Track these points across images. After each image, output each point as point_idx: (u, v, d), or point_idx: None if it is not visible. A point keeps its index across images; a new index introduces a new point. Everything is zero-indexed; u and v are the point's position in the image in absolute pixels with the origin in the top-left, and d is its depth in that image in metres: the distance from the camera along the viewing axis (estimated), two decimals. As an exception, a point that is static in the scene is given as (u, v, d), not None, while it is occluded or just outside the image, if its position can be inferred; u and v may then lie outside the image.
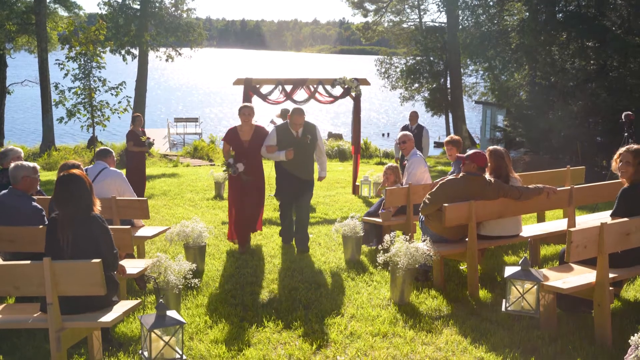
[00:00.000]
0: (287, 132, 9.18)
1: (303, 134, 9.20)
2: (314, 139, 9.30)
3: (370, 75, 20.07)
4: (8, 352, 5.67)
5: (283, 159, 9.08)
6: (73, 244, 5.25)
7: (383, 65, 40.51)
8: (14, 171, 6.64)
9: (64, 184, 5.43)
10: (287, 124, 9.25)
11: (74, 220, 5.31)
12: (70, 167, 6.70)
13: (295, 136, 9.16)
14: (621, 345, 5.37)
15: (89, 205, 5.41)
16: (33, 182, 6.71)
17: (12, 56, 35.51)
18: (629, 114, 12.99)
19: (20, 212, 6.54)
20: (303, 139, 9.18)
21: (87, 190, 5.46)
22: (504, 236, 7.56)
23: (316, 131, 9.40)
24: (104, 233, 5.37)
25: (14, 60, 35.99)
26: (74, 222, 5.31)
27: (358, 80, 15.10)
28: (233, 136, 9.37)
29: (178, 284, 6.39)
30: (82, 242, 5.25)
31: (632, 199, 6.16)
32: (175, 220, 11.18)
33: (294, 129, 9.17)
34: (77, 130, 28.82)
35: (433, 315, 6.52)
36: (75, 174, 5.52)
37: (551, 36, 24.32)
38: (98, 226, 5.36)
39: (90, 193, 5.48)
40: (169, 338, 4.45)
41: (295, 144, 9.13)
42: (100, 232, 5.34)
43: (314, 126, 9.42)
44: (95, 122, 25.75)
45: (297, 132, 9.17)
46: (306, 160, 9.30)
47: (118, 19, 30.46)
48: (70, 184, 5.43)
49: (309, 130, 9.27)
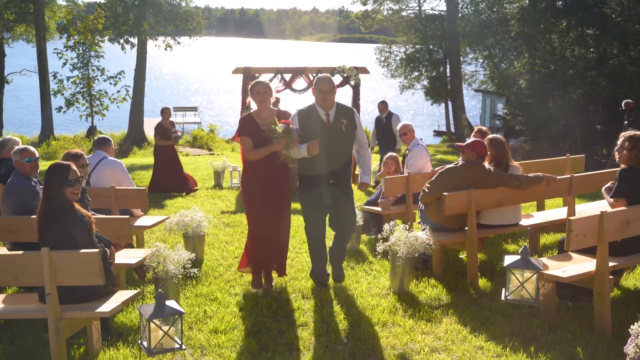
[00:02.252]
0: (312, 116, 6.65)
1: (336, 117, 6.64)
2: (351, 126, 6.69)
3: (369, 64, 20.03)
4: (7, 342, 5.67)
5: (305, 155, 6.51)
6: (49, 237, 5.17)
7: (382, 54, 40.38)
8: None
9: (44, 177, 5.38)
10: (313, 105, 6.73)
11: (48, 213, 5.24)
12: (72, 157, 6.72)
13: (325, 122, 6.66)
14: (621, 334, 5.37)
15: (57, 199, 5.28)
16: (23, 166, 6.81)
17: (10, 45, 35.39)
18: (629, 101, 12.98)
19: (16, 190, 6.71)
20: (336, 125, 6.63)
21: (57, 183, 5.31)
22: (504, 225, 7.55)
23: (354, 116, 6.78)
24: (77, 227, 5.25)
25: (12, 49, 35.84)
26: (47, 215, 5.24)
27: (357, 68, 15.07)
28: (250, 127, 6.76)
29: (177, 273, 6.38)
30: (59, 236, 5.17)
31: (630, 178, 6.15)
32: (174, 210, 11.16)
33: (323, 109, 6.65)
34: (76, 119, 28.78)
35: (433, 304, 6.51)
36: (51, 166, 5.42)
37: (551, 24, 24.26)
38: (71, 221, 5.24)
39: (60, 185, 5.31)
40: (168, 328, 4.45)
41: (325, 133, 6.60)
42: (73, 226, 5.24)
43: (350, 109, 6.83)
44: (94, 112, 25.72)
45: (328, 115, 6.66)
46: (341, 157, 6.71)
47: (116, 7, 30.30)
48: (45, 176, 5.36)
49: (344, 114, 6.70)
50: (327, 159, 6.60)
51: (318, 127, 6.62)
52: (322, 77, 6.73)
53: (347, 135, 6.70)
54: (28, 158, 6.86)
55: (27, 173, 6.82)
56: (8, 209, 6.79)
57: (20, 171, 6.82)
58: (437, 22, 38.14)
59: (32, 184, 6.79)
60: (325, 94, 6.59)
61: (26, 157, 6.85)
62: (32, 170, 6.88)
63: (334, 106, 6.67)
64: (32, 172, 6.88)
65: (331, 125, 6.62)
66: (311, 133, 6.57)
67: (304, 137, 6.55)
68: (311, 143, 6.43)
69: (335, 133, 6.61)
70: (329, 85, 6.62)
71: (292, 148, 6.51)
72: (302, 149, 6.49)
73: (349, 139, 6.75)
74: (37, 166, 6.98)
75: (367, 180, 6.96)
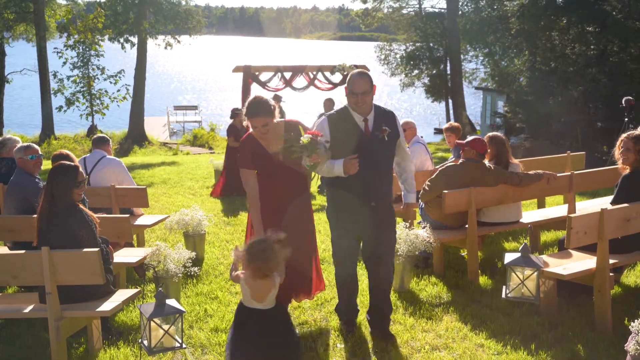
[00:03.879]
0: (346, 124, 5.37)
1: (376, 124, 5.39)
2: (393, 135, 5.47)
3: (370, 62, 20.00)
4: (7, 342, 5.67)
5: (340, 174, 5.29)
6: (53, 237, 5.18)
7: (383, 52, 40.40)
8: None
9: (48, 177, 5.38)
10: (346, 109, 5.46)
11: (50, 213, 5.24)
12: (58, 158, 6.73)
13: (362, 130, 5.38)
14: (621, 331, 5.37)
15: (64, 200, 5.28)
16: (26, 163, 6.87)
17: (11, 45, 35.38)
18: (630, 99, 12.97)
19: (20, 187, 6.76)
20: (376, 133, 5.37)
21: (64, 183, 5.32)
22: (504, 222, 7.55)
23: (396, 121, 5.57)
24: (83, 227, 5.27)
25: (12, 48, 35.83)
26: (50, 214, 5.24)
27: (357, 66, 15.06)
28: (254, 150, 5.63)
29: (178, 272, 6.38)
30: (61, 236, 5.18)
31: (632, 186, 6.14)
32: (174, 209, 11.15)
33: (359, 114, 5.38)
34: (76, 118, 28.78)
35: (433, 302, 6.51)
36: (55, 166, 5.44)
37: (551, 21, 24.25)
38: (77, 221, 5.27)
39: (67, 186, 5.32)
40: (168, 327, 4.44)
41: (363, 144, 5.34)
42: (78, 226, 5.26)
43: (391, 113, 5.58)
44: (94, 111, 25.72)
45: (366, 122, 5.38)
46: (382, 173, 5.47)
47: (116, 6, 30.28)
48: (49, 176, 5.36)
49: (385, 119, 5.45)
50: (366, 175, 5.30)
51: (354, 137, 5.32)
52: (356, 74, 5.36)
53: (389, 146, 5.48)
54: (32, 155, 6.90)
55: (31, 170, 6.87)
56: (11, 206, 6.82)
57: (23, 169, 6.86)
58: (438, 20, 38.15)
59: (36, 181, 6.83)
60: (361, 96, 5.26)
61: (30, 154, 6.88)
62: (35, 167, 6.93)
63: (372, 110, 5.38)
64: (36, 169, 6.94)
65: (370, 135, 5.35)
66: (346, 145, 5.31)
67: (336, 151, 5.30)
68: (349, 160, 5.20)
69: (376, 144, 5.36)
70: (364, 85, 5.27)
71: (320, 165, 5.26)
72: (336, 166, 5.24)
73: (390, 151, 5.54)
74: (40, 163, 7.05)
75: (412, 199, 5.91)
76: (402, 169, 5.86)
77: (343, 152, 5.29)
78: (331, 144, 5.32)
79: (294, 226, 5.55)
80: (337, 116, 5.45)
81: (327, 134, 5.34)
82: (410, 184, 5.88)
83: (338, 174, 5.28)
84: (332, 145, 5.31)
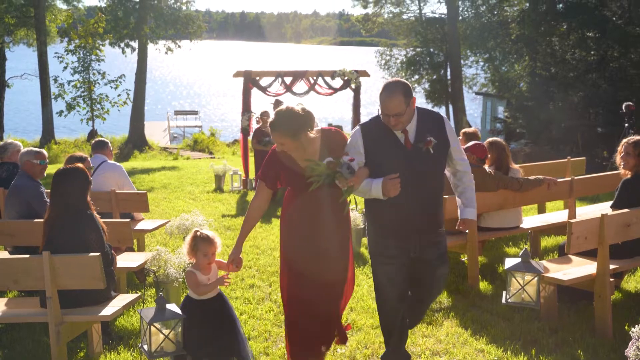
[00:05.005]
0: (384, 136, 4.56)
1: (419, 134, 4.54)
2: (442, 144, 4.60)
3: (370, 67, 20.05)
4: (8, 346, 5.67)
5: (379, 196, 4.47)
6: (62, 240, 5.20)
7: (383, 57, 40.41)
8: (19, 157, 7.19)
9: (57, 179, 5.40)
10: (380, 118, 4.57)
11: (64, 217, 5.27)
12: (77, 160, 6.77)
13: (402, 143, 4.55)
14: (622, 336, 5.37)
15: (79, 203, 5.34)
16: (34, 167, 6.92)
17: (11, 49, 35.43)
18: (630, 104, 12.98)
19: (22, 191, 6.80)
20: (420, 145, 4.52)
21: (80, 187, 5.39)
22: (504, 228, 7.55)
23: (445, 126, 4.65)
24: (93, 231, 5.31)
25: (13, 53, 35.88)
26: (63, 218, 5.27)
27: (358, 72, 15.09)
28: (284, 163, 4.79)
29: (178, 277, 6.38)
30: (71, 239, 5.20)
31: (633, 191, 6.16)
32: (175, 213, 11.16)
33: (391, 128, 4.53)
34: (76, 123, 28.80)
35: (433, 307, 6.50)
36: (70, 169, 5.48)
37: (551, 27, 24.29)
38: (89, 225, 5.30)
39: (83, 190, 5.40)
40: (168, 331, 4.45)
41: (405, 159, 4.52)
42: (90, 230, 5.29)
43: (439, 117, 4.71)
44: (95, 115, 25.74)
45: (406, 133, 4.54)
46: (430, 190, 4.63)
47: (117, 11, 30.35)
48: (63, 179, 5.38)
49: (429, 126, 4.59)
50: (409, 197, 4.48)
51: (393, 151, 4.51)
52: (386, 93, 4.44)
53: (438, 158, 4.60)
54: (42, 160, 6.96)
55: (36, 175, 6.90)
56: (12, 210, 6.82)
57: (27, 173, 6.86)
58: (438, 25, 38.15)
59: (37, 186, 6.84)
60: (394, 119, 4.43)
61: (40, 159, 6.95)
62: (41, 172, 6.98)
63: (413, 118, 4.55)
64: (41, 174, 6.98)
65: (412, 148, 4.51)
66: (384, 162, 4.50)
67: (373, 168, 4.51)
68: (388, 180, 4.38)
69: (420, 159, 4.51)
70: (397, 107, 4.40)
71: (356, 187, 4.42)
72: (374, 187, 4.43)
73: (440, 163, 4.65)
74: (45, 169, 7.08)
75: (471, 215, 4.93)
76: (457, 180, 4.92)
77: (381, 169, 4.46)
78: (367, 159, 4.53)
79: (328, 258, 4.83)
80: (372, 126, 4.60)
81: (360, 147, 4.55)
82: (468, 197, 4.92)
83: (377, 196, 4.46)
84: (368, 161, 4.53)
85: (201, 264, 4.90)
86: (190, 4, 32.95)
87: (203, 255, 4.88)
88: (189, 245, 4.92)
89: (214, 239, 4.94)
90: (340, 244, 4.94)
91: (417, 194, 4.52)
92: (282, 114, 4.63)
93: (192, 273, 4.88)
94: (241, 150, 15.66)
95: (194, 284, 4.85)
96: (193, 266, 4.94)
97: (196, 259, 4.91)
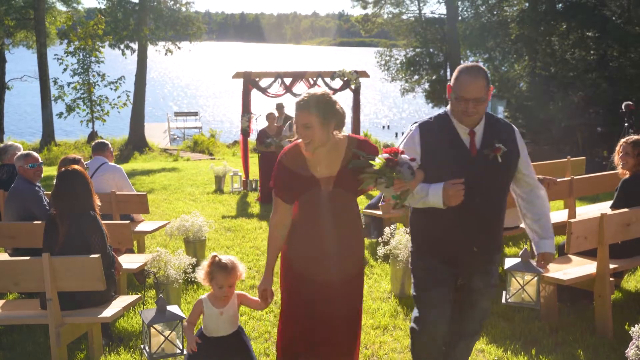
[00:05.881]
0: (446, 137, 3.95)
1: (486, 139, 3.95)
2: (512, 154, 3.99)
3: (370, 68, 20.04)
4: (8, 348, 5.67)
5: (437, 205, 3.84)
6: (65, 241, 5.23)
7: (383, 57, 40.40)
8: None
9: (63, 179, 5.43)
10: (446, 116, 4.01)
11: (69, 217, 5.29)
12: (71, 162, 6.76)
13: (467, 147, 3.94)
14: (622, 336, 5.37)
15: (86, 203, 5.40)
16: (26, 171, 6.92)
17: (11, 51, 35.44)
18: (629, 104, 12.97)
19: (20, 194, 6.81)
20: (487, 152, 3.92)
21: (86, 188, 5.46)
22: (505, 228, 7.52)
23: (515, 136, 4.08)
24: (95, 233, 5.34)
25: (12, 55, 35.90)
26: (68, 218, 5.29)
27: (357, 72, 15.08)
28: (295, 169, 4.08)
29: (178, 278, 6.38)
30: (74, 240, 5.23)
31: (632, 191, 6.16)
32: (175, 215, 11.15)
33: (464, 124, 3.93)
34: (76, 125, 28.80)
35: (433, 307, 6.50)
36: (77, 170, 5.52)
37: (551, 26, 24.31)
38: (92, 226, 5.33)
39: (89, 191, 5.47)
40: (169, 333, 4.45)
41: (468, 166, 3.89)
42: (93, 231, 5.32)
43: (508, 125, 4.11)
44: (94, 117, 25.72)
45: (472, 136, 3.94)
46: (491, 206, 4.01)
47: (117, 13, 30.35)
48: (70, 180, 5.42)
49: (498, 132, 3.99)
50: (470, 209, 3.85)
51: (455, 156, 3.89)
52: (466, 71, 3.86)
53: (506, 169, 3.98)
54: (32, 164, 6.92)
55: (31, 178, 6.90)
56: (11, 213, 6.84)
57: (24, 176, 6.88)
58: (437, 26, 38.17)
59: (35, 189, 6.85)
60: (473, 104, 3.82)
61: (30, 163, 6.91)
62: (35, 175, 6.95)
63: (482, 120, 3.94)
64: (36, 177, 6.96)
65: (477, 154, 3.90)
66: (443, 166, 3.87)
67: (430, 172, 3.85)
68: (451, 186, 3.75)
69: (484, 167, 3.89)
70: (479, 89, 3.82)
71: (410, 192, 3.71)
72: (432, 193, 3.80)
73: (507, 175, 4.03)
74: (40, 171, 7.07)
75: (549, 247, 4.27)
76: (530, 205, 4.20)
77: (439, 174, 3.83)
78: (423, 162, 3.86)
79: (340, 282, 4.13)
80: (434, 125, 3.98)
81: (417, 147, 3.92)
82: (544, 225, 4.21)
83: (434, 205, 3.82)
84: (424, 164, 3.86)
85: (216, 295, 4.33)
86: (189, 5, 32.94)
87: (218, 287, 4.28)
88: (205, 272, 4.30)
89: (233, 269, 4.28)
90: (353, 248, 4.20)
91: (477, 208, 3.88)
92: (316, 94, 4.00)
93: (199, 303, 4.35)
94: (241, 151, 15.65)
95: (193, 314, 4.39)
96: (208, 294, 4.38)
97: (212, 288, 4.34)
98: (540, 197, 4.18)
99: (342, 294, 4.12)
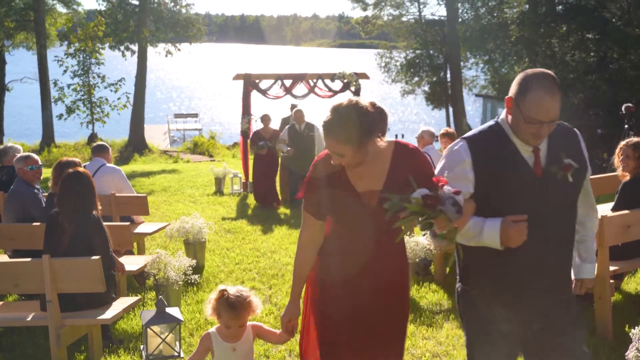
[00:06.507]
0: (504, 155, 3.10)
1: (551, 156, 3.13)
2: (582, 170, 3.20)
3: (370, 69, 20.03)
4: (8, 350, 5.67)
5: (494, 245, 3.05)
6: (69, 242, 5.24)
7: (383, 59, 40.43)
8: None
9: (70, 181, 5.43)
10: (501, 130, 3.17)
11: (74, 219, 5.31)
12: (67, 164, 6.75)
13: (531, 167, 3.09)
14: (622, 338, 5.36)
15: (91, 205, 5.42)
16: (26, 173, 6.91)
17: (11, 53, 35.45)
18: (630, 106, 12.96)
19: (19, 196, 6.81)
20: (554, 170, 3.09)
21: (91, 190, 5.49)
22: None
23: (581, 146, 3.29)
24: (99, 235, 5.36)
25: (12, 57, 35.91)
26: (74, 220, 5.31)
27: (357, 74, 15.09)
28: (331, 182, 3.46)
29: (178, 280, 6.38)
30: (79, 241, 5.25)
31: (633, 193, 6.15)
32: (175, 217, 11.15)
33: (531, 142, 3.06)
34: (76, 127, 28.80)
35: (433, 309, 6.51)
36: (83, 172, 5.55)
37: (551, 28, 24.32)
38: (95, 227, 5.35)
39: (94, 193, 5.51)
40: (166, 335, 4.44)
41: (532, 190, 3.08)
42: (96, 233, 5.34)
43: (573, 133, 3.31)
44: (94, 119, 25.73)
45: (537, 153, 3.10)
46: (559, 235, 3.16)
47: (117, 15, 30.35)
48: (77, 181, 5.43)
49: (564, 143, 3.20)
50: (539, 241, 3.07)
51: (517, 179, 3.09)
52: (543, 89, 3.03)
53: (576, 189, 3.23)
54: (31, 166, 6.92)
55: (30, 180, 6.90)
56: (10, 215, 6.85)
57: (23, 178, 6.88)
58: (438, 27, 38.19)
59: (34, 191, 6.85)
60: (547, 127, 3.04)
61: (29, 165, 6.91)
62: (34, 177, 6.95)
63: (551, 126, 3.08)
64: (35, 179, 6.96)
65: (543, 174, 3.10)
66: (503, 194, 3.10)
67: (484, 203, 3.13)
68: (512, 224, 2.98)
69: (555, 188, 3.11)
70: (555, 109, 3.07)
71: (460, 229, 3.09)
72: (488, 231, 3.06)
73: (576, 195, 3.25)
74: (40, 173, 7.07)
75: (590, 273, 3.52)
76: (580, 225, 3.39)
77: (497, 204, 3.09)
78: (476, 189, 3.14)
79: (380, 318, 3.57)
80: (486, 141, 3.16)
81: (468, 172, 3.12)
82: (589, 248, 3.50)
83: (489, 245, 3.07)
84: (477, 191, 3.14)
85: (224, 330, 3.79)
86: (190, 7, 32.96)
87: (225, 327, 3.74)
88: (212, 307, 3.73)
89: (243, 310, 3.67)
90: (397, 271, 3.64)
91: (547, 240, 3.11)
92: (341, 110, 3.25)
93: (207, 337, 3.80)
94: (241, 153, 15.65)
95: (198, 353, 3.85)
96: (217, 327, 3.81)
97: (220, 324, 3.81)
98: (594, 220, 3.50)
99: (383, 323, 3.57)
